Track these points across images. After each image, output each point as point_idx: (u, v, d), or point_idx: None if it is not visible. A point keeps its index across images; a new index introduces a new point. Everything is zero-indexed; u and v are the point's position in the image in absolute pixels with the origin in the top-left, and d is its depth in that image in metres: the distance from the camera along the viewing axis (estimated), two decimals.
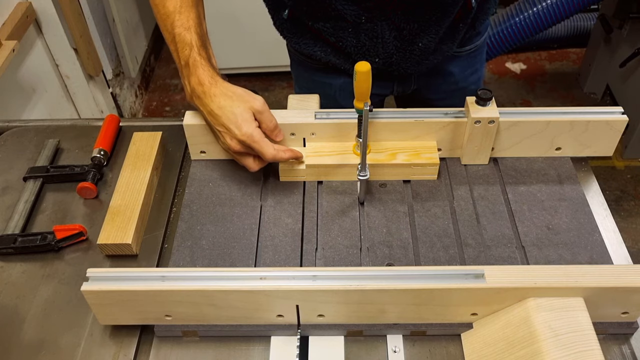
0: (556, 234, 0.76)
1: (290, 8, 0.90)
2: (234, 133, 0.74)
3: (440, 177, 0.83)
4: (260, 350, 0.67)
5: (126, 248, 0.74)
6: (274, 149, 0.75)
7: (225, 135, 0.76)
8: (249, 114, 0.74)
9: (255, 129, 0.74)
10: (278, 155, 0.76)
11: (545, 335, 0.59)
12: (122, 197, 0.79)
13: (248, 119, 0.74)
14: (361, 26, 0.86)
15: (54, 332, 0.69)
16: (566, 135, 0.82)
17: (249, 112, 0.75)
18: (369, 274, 0.63)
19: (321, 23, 0.88)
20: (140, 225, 0.77)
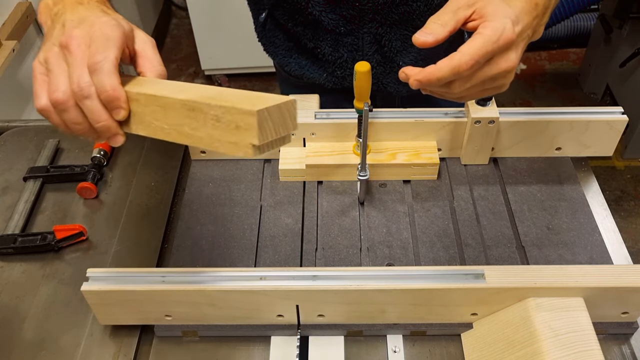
0: (556, 234, 0.76)
1: (269, 11, 0.89)
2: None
3: (440, 177, 0.83)
4: (260, 350, 0.67)
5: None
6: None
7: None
8: (116, 33, 0.52)
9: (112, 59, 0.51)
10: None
11: (545, 335, 0.59)
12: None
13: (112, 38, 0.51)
14: (340, 36, 0.85)
15: (54, 332, 0.69)
16: (566, 135, 0.82)
17: (117, 32, 0.52)
18: (369, 274, 0.63)
19: (300, 27, 0.87)
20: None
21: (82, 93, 0.50)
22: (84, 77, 0.50)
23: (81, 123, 0.52)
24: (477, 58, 0.54)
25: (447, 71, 0.55)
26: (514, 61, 0.57)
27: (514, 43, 0.56)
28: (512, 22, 0.55)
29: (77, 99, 0.51)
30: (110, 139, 0.54)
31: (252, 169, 0.85)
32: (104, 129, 0.52)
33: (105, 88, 0.50)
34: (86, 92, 0.50)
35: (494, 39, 0.54)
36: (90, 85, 0.50)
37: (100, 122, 0.52)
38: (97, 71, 0.50)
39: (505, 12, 0.55)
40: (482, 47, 0.54)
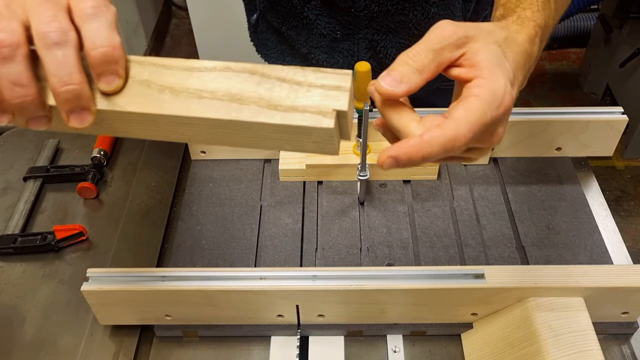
0: (556, 234, 0.76)
1: (262, 13, 0.88)
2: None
3: (440, 177, 0.83)
4: (260, 350, 0.67)
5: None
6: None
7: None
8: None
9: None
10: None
11: (545, 335, 0.59)
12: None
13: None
14: (336, 42, 0.84)
15: (54, 332, 0.69)
16: (566, 135, 0.82)
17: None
18: (369, 274, 0.63)
19: (294, 31, 0.85)
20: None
21: (52, 36, 0.37)
22: (59, 17, 0.37)
23: (27, 85, 0.38)
24: (477, 128, 0.40)
25: (438, 146, 0.39)
26: (501, 136, 0.43)
27: (509, 112, 0.42)
28: (510, 83, 0.42)
29: (44, 45, 0.37)
30: (74, 115, 0.39)
31: (252, 169, 0.85)
32: (71, 96, 0.38)
33: (102, 41, 0.37)
34: (59, 37, 0.37)
35: (493, 106, 0.40)
36: (69, 30, 0.37)
37: (71, 84, 0.37)
38: (91, 17, 0.38)
39: (502, 66, 0.42)
40: (484, 115, 0.40)
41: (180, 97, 0.38)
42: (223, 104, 0.38)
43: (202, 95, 0.38)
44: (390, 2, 0.78)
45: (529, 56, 0.46)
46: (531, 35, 0.47)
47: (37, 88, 0.38)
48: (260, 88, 0.38)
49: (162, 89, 0.39)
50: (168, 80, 0.39)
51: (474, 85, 0.41)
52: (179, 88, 0.39)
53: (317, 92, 0.37)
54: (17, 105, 0.38)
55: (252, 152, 0.85)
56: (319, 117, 0.36)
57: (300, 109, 0.37)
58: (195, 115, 0.38)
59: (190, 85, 0.39)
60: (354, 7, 0.79)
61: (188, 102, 0.38)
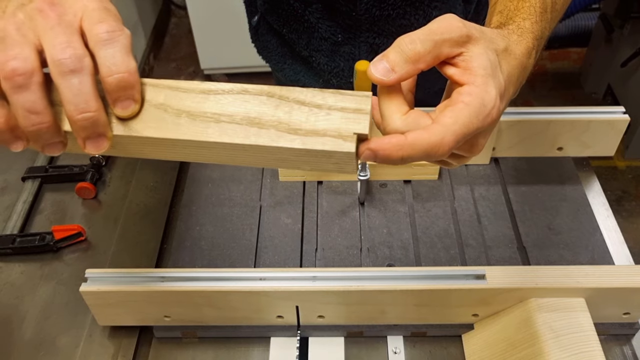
0: (557, 234, 0.75)
1: (263, 15, 0.88)
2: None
3: (441, 177, 0.83)
4: (260, 352, 0.67)
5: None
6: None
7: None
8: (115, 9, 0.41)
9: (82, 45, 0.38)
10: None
11: (546, 336, 0.59)
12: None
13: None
14: (337, 45, 0.83)
15: (53, 332, 0.69)
16: (567, 135, 0.81)
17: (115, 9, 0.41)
18: (369, 274, 0.63)
19: (295, 35, 0.85)
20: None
21: (68, 64, 0.36)
22: (73, 42, 0.36)
23: (42, 113, 0.37)
24: (461, 137, 0.39)
25: (420, 150, 0.38)
26: (480, 148, 0.43)
27: (493, 125, 0.42)
28: (500, 97, 0.41)
29: (59, 72, 0.36)
30: (90, 142, 0.38)
31: (252, 169, 0.85)
32: (88, 124, 0.37)
33: (118, 67, 0.37)
34: (74, 64, 0.36)
35: (481, 116, 0.39)
36: (85, 56, 0.37)
37: (89, 111, 0.37)
38: (106, 42, 0.37)
39: (496, 77, 0.41)
40: (469, 124, 0.39)
41: (197, 121, 0.38)
42: (241, 128, 0.37)
43: (219, 119, 0.38)
44: (392, 6, 0.77)
45: (523, 69, 0.46)
46: (529, 48, 0.46)
47: (53, 115, 0.38)
48: (279, 111, 0.38)
49: (178, 113, 0.38)
50: (184, 104, 0.39)
51: (465, 92, 0.40)
52: (195, 112, 0.38)
53: (337, 115, 0.37)
54: (32, 133, 0.38)
55: None
56: (339, 141, 0.36)
57: (321, 132, 0.37)
58: (212, 140, 0.37)
59: (208, 109, 0.38)
60: (355, 11, 0.79)
61: (205, 127, 0.38)
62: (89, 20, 0.38)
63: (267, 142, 0.37)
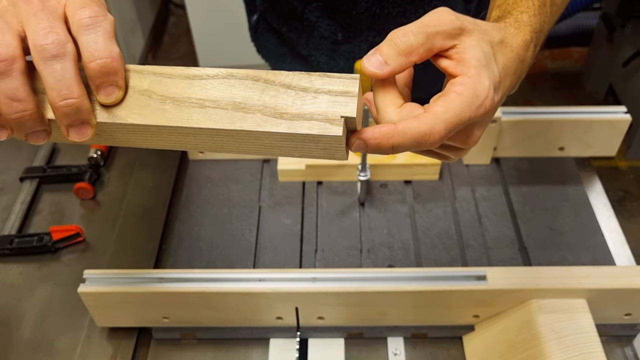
0: (559, 235, 0.75)
1: (262, 14, 0.87)
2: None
3: (442, 178, 0.83)
4: (259, 353, 0.67)
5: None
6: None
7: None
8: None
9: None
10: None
11: (547, 337, 0.59)
12: None
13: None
14: (337, 44, 0.83)
15: (51, 334, 0.69)
16: (569, 135, 0.81)
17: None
18: (370, 275, 0.62)
19: (295, 33, 0.85)
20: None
21: (50, 49, 0.35)
22: (56, 28, 0.36)
23: (24, 100, 0.36)
24: (452, 127, 0.39)
25: (410, 138, 0.38)
26: (476, 139, 0.43)
27: (488, 115, 0.41)
28: (494, 88, 0.41)
29: (41, 58, 0.36)
30: (74, 129, 0.38)
31: (251, 169, 0.85)
32: (70, 110, 0.36)
33: (100, 53, 0.36)
34: (57, 49, 0.36)
35: (473, 106, 0.39)
36: (67, 41, 0.36)
37: (71, 97, 0.36)
38: (88, 28, 0.36)
39: (490, 68, 0.41)
40: (461, 114, 0.39)
41: (182, 107, 0.37)
42: (227, 113, 0.37)
43: (204, 105, 0.37)
44: (392, 4, 0.77)
45: (521, 62, 0.45)
46: (526, 40, 0.46)
47: (35, 102, 0.37)
48: (265, 95, 0.37)
49: (163, 100, 0.38)
50: (169, 90, 0.38)
51: (457, 82, 0.40)
52: (180, 98, 0.38)
53: (324, 99, 0.36)
54: (15, 121, 0.37)
55: None
56: (326, 125, 0.36)
57: (307, 116, 0.36)
58: (198, 126, 0.37)
59: (193, 95, 0.38)
60: (355, 9, 0.78)
61: (190, 112, 0.37)
62: (72, 6, 0.37)
63: (252, 127, 0.36)
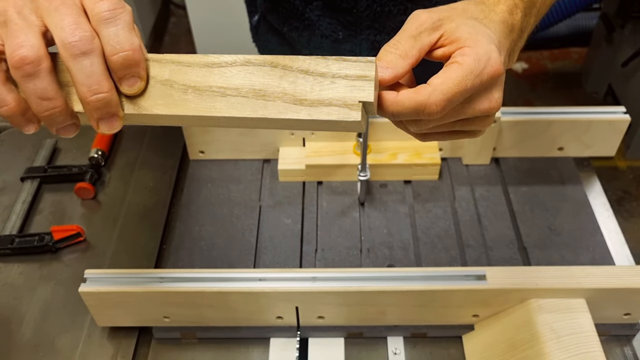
0: (558, 235, 0.75)
1: (263, 14, 0.88)
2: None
3: (442, 178, 0.83)
4: (260, 352, 0.67)
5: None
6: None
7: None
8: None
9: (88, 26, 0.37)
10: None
11: (547, 337, 0.59)
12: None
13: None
14: (338, 43, 0.83)
15: (52, 333, 0.69)
16: (568, 135, 0.81)
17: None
18: (370, 275, 0.62)
19: (296, 33, 0.85)
20: None
21: (79, 46, 0.36)
22: (81, 23, 0.36)
23: (54, 98, 0.37)
24: (451, 96, 0.40)
25: (408, 108, 0.40)
26: (498, 101, 0.43)
27: (500, 76, 0.42)
28: (496, 47, 0.42)
29: (69, 55, 0.36)
30: (103, 122, 0.39)
31: (251, 169, 0.85)
32: (101, 104, 0.37)
33: (122, 45, 0.37)
34: (85, 46, 0.36)
35: (476, 71, 0.40)
36: (94, 37, 0.36)
37: (101, 92, 0.37)
38: (109, 21, 0.37)
39: (486, 34, 0.42)
40: (462, 82, 0.40)
41: (204, 96, 0.38)
42: (248, 101, 0.38)
43: (225, 93, 0.38)
44: (393, 3, 0.77)
45: (511, 27, 0.45)
46: (510, 5, 0.46)
47: (64, 98, 0.38)
48: (284, 82, 0.37)
49: (185, 89, 0.39)
50: (190, 79, 0.39)
51: (458, 53, 0.41)
52: (202, 87, 0.38)
53: (341, 83, 0.37)
54: (46, 117, 0.38)
55: (251, 153, 0.85)
56: (345, 110, 0.36)
57: (326, 102, 0.37)
58: (222, 115, 0.38)
59: (213, 83, 0.38)
60: (356, 8, 0.78)
61: (213, 101, 0.38)
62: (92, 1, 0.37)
63: (274, 114, 0.37)
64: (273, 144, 0.83)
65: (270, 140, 0.83)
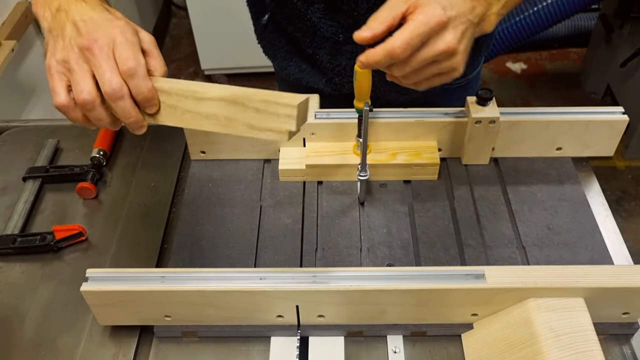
0: (557, 234, 0.76)
1: (272, 14, 0.89)
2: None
3: (441, 177, 0.83)
4: (260, 351, 0.67)
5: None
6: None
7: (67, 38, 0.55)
8: (135, 38, 0.57)
9: (140, 59, 0.55)
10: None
11: (545, 335, 0.59)
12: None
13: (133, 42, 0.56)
14: (339, 44, 0.84)
15: (54, 332, 0.69)
16: (567, 135, 0.82)
17: (135, 37, 0.57)
18: (369, 274, 0.63)
19: (300, 33, 0.86)
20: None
21: (116, 95, 0.54)
22: (115, 79, 0.54)
23: (105, 119, 0.57)
24: (408, 41, 0.56)
25: (381, 55, 0.58)
26: (451, 42, 0.58)
27: (446, 24, 0.57)
28: (442, 7, 0.57)
29: (109, 99, 0.55)
30: (135, 129, 0.59)
31: (252, 169, 0.85)
32: (133, 123, 0.58)
33: (142, 91, 0.55)
34: (119, 94, 0.55)
35: (424, 21, 0.56)
36: (123, 87, 0.55)
37: (131, 118, 0.57)
38: (133, 76, 0.55)
39: (437, 1, 0.57)
40: (414, 30, 0.56)
41: (196, 117, 0.58)
42: (221, 123, 0.57)
43: (208, 117, 0.57)
44: None
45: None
46: None
47: (111, 117, 0.58)
48: (244, 114, 0.55)
49: (184, 112, 0.58)
50: (187, 105, 0.58)
51: (413, 13, 0.57)
52: (194, 111, 0.58)
53: (277, 119, 0.54)
54: (99, 124, 0.59)
55: (252, 153, 0.85)
56: (278, 134, 0.55)
57: (268, 129, 0.55)
58: (207, 129, 0.58)
59: (202, 110, 0.57)
60: (357, 10, 0.79)
61: (200, 120, 0.58)
62: (119, 56, 0.54)
63: (236, 132, 0.57)
64: (273, 144, 0.84)
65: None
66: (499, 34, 2.14)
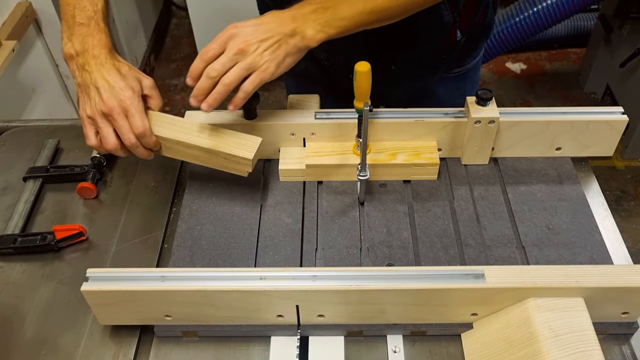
0: (556, 234, 0.76)
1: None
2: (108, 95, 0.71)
3: (441, 177, 0.83)
4: (261, 351, 0.67)
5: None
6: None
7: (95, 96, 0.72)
8: (140, 103, 0.73)
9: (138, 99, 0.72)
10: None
11: (545, 335, 0.59)
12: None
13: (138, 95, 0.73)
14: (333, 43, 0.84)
15: (54, 332, 0.69)
16: (566, 135, 0.82)
17: (140, 101, 0.73)
18: (369, 274, 0.63)
19: None
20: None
21: (132, 146, 0.73)
22: (132, 137, 0.72)
23: (123, 155, 0.75)
24: (206, 51, 0.70)
25: (199, 60, 0.70)
26: (237, 46, 0.69)
27: (231, 38, 0.69)
28: (234, 27, 0.71)
29: (128, 147, 0.73)
30: (144, 158, 0.76)
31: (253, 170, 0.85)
32: (143, 157, 0.75)
33: (149, 142, 0.74)
34: (135, 145, 0.73)
35: (220, 36, 0.71)
36: (137, 141, 0.72)
37: (143, 155, 0.75)
38: (142, 135, 0.72)
39: (235, 26, 0.71)
40: (212, 44, 0.70)
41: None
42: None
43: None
44: None
45: (288, 15, 0.71)
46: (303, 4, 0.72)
47: (129, 153, 0.75)
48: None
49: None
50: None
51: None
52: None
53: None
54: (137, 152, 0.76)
55: None
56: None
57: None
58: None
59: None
60: None
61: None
62: (132, 123, 0.72)
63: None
64: (274, 144, 0.84)
65: (271, 141, 0.83)
66: (499, 34, 2.14)
